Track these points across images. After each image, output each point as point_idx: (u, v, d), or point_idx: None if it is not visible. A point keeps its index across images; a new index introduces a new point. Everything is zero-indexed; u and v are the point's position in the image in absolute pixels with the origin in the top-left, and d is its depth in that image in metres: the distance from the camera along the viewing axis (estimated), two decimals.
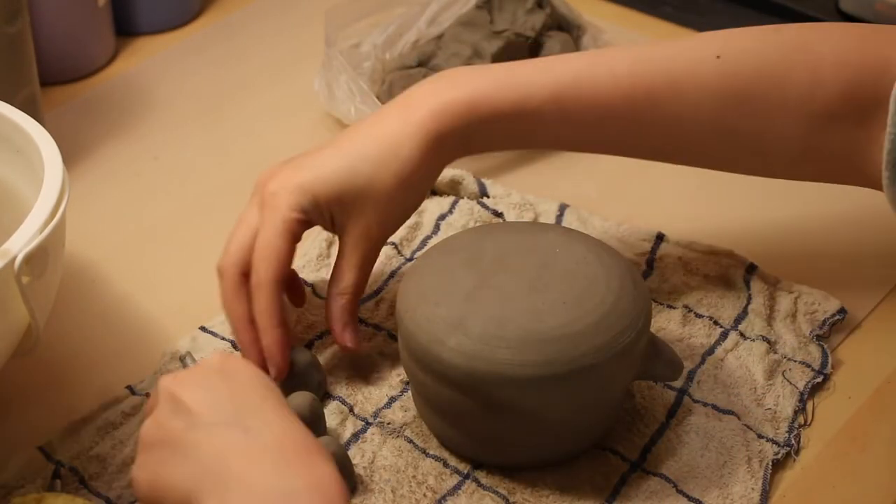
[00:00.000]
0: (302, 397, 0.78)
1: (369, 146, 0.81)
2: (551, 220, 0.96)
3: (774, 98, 0.82)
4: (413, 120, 0.81)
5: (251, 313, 0.80)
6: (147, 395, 0.82)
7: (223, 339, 0.86)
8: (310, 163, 0.82)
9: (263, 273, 0.79)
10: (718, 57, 0.83)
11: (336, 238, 0.94)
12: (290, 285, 0.85)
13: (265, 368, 0.79)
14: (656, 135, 0.84)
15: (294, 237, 0.80)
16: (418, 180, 0.82)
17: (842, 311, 0.88)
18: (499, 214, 0.96)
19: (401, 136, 0.81)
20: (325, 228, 0.83)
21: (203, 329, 0.87)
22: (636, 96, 0.82)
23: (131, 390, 0.83)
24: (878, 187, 0.82)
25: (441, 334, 0.74)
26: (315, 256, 0.93)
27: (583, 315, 0.74)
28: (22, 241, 0.72)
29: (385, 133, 0.81)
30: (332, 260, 0.93)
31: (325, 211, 0.81)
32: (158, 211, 1.00)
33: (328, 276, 0.91)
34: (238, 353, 0.82)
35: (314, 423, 0.77)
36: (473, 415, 0.76)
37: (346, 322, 0.82)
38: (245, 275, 0.80)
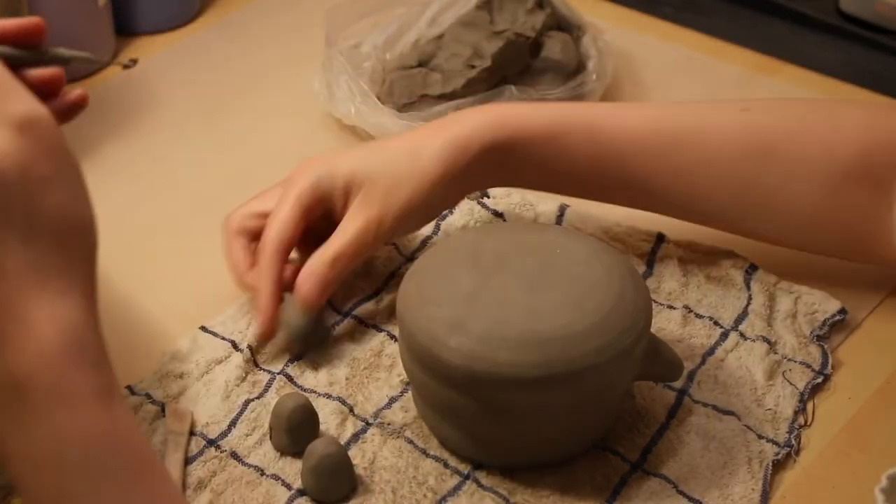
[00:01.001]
0: (293, 400, 0.78)
1: (397, 143, 0.85)
2: (551, 220, 0.96)
3: (795, 152, 0.84)
4: (443, 127, 0.85)
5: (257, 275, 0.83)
6: (147, 395, 0.82)
7: (223, 338, 0.86)
8: (340, 152, 0.87)
9: (267, 236, 0.83)
10: (744, 110, 0.86)
11: None
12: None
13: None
14: (677, 180, 0.85)
15: (303, 207, 0.83)
16: (438, 182, 0.83)
17: (842, 311, 0.88)
18: (499, 214, 0.96)
19: (427, 138, 0.84)
20: (336, 209, 0.84)
21: (203, 329, 0.87)
22: (662, 131, 0.85)
23: (131, 390, 0.82)
24: (890, 263, 0.84)
25: (441, 335, 0.74)
26: None
27: (583, 316, 0.74)
28: None
29: (415, 135, 0.85)
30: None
31: (338, 186, 0.83)
32: (158, 211, 1.00)
33: None
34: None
35: (306, 426, 0.78)
36: (474, 415, 0.76)
37: (313, 284, 0.83)
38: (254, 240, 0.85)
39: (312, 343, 0.85)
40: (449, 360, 0.74)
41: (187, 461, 0.78)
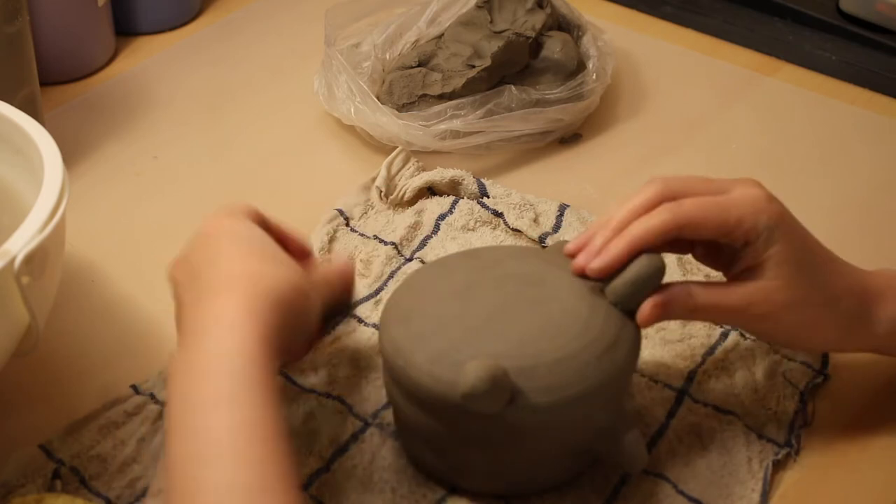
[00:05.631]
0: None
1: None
2: (551, 220, 0.96)
3: None
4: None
5: None
6: (151, 395, 0.82)
7: None
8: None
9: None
10: None
11: (336, 234, 0.94)
12: None
13: None
14: None
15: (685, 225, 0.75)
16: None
17: None
18: (499, 214, 0.96)
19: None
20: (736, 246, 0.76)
21: None
22: None
23: (136, 390, 0.82)
24: None
25: (408, 353, 0.72)
26: (317, 250, 0.93)
27: (555, 348, 0.72)
28: (22, 241, 0.72)
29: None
30: (333, 257, 0.93)
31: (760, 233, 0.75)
32: (158, 211, 1.00)
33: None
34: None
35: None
36: (444, 440, 0.74)
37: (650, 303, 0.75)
38: None
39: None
40: (416, 382, 0.72)
41: None
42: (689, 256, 0.92)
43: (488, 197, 0.97)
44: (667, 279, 0.91)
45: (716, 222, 0.74)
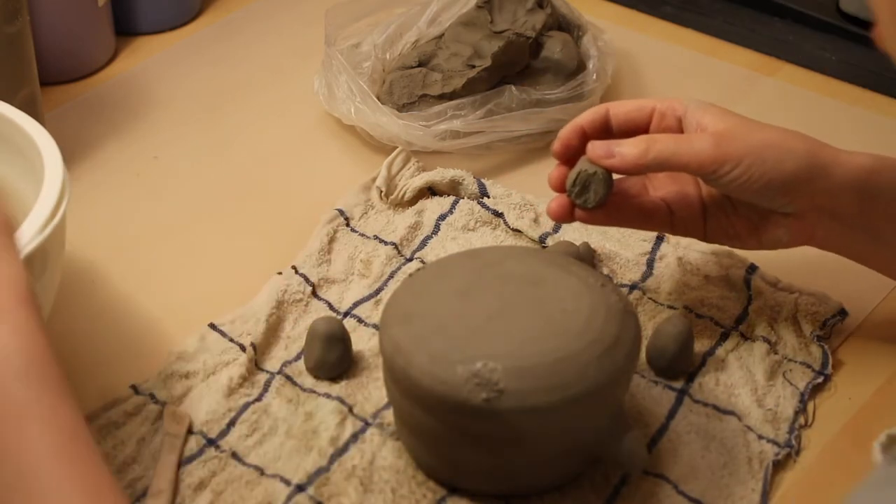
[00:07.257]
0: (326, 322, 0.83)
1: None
2: (551, 220, 0.95)
3: None
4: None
5: None
6: (151, 395, 0.82)
7: (231, 340, 0.86)
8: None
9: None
10: None
11: (336, 234, 0.94)
12: None
13: None
14: None
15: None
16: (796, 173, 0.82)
17: (842, 311, 0.88)
18: (499, 214, 0.96)
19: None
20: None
21: (212, 327, 0.87)
22: None
23: (135, 390, 0.82)
24: None
25: (408, 353, 0.72)
26: (316, 251, 0.93)
27: (559, 346, 0.72)
28: (22, 242, 0.72)
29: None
30: (333, 256, 0.93)
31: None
32: (158, 211, 1.00)
33: (329, 273, 0.92)
34: None
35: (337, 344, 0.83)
36: (444, 440, 0.74)
37: (609, 153, 0.81)
38: None
39: (593, 192, 0.82)
40: (410, 376, 0.72)
41: (187, 460, 0.78)
42: (691, 257, 0.92)
43: (488, 197, 0.97)
44: (667, 279, 0.91)
45: (636, 103, 0.85)
